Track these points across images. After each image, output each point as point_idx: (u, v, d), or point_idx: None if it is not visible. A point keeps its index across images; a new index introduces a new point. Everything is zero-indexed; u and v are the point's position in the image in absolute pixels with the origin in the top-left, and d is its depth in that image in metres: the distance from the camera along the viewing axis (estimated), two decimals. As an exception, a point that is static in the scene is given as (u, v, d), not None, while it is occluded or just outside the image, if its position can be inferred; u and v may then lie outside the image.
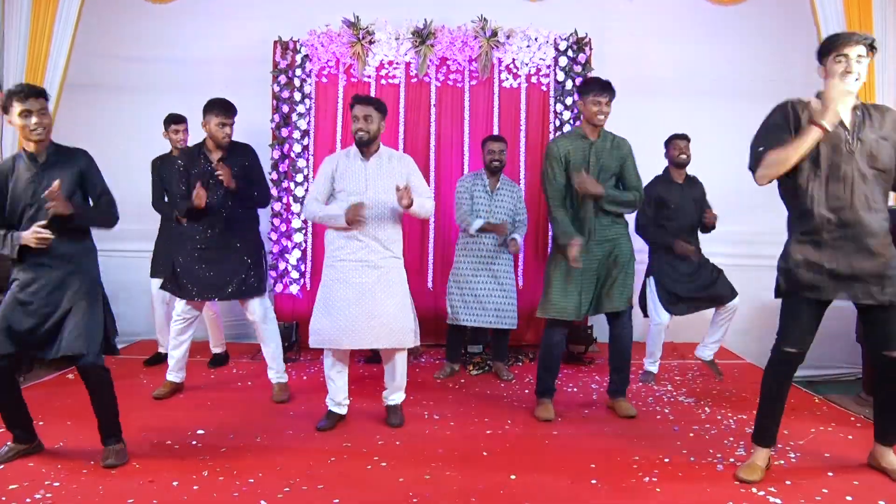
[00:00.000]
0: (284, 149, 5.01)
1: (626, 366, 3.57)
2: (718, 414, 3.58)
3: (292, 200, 5.03)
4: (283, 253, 5.03)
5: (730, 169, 4.28)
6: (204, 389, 3.95)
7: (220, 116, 3.57)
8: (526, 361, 4.73)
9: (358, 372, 4.40)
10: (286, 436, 3.19)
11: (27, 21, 4.77)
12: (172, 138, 4.30)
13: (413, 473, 2.75)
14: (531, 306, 5.07)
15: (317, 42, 4.98)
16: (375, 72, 5.03)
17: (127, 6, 5.20)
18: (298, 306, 5.06)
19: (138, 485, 2.60)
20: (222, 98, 3.64)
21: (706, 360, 4.26)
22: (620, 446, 3.07)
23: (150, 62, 5.19)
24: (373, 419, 3.42)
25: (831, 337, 4.56)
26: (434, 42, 4.95)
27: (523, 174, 5.08)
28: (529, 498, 2.54)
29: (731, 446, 3.09)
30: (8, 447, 2.82)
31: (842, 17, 4.73)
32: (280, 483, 2.63)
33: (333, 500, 2.49)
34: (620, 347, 3.55)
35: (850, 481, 2.69)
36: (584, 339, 4.71)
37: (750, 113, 2.75)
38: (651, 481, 2.69)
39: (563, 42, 4.98)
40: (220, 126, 3.58)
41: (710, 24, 5.22)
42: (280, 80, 5.00)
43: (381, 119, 3.25)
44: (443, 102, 5.09)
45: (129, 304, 5.00)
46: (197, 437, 3.13)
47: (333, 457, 2.92)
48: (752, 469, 2.70)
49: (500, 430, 3.30)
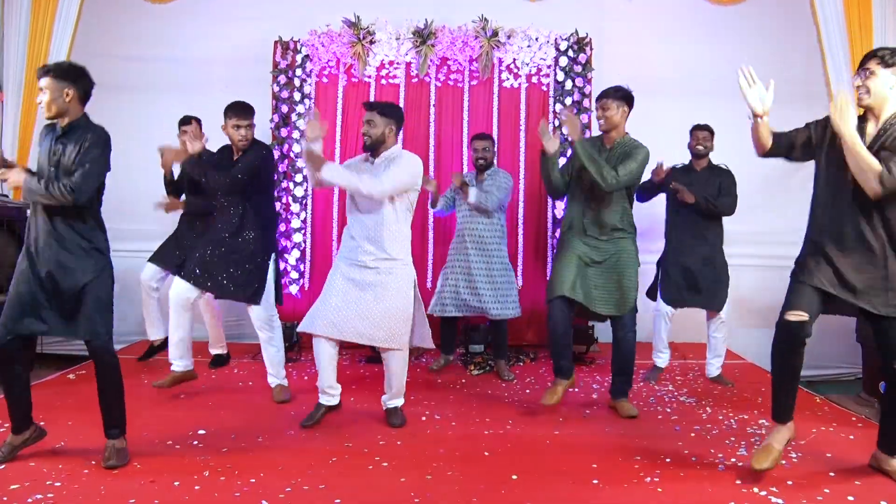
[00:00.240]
0: (284, 149, 5.01)
1: (629, 369, 3.58)
2: (720, 414, 3.58)
3: (291, 200, 5.03)
4: (282, 253, 5.03)
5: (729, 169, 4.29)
6: (205, 390, 3.94)
7: (235, 118, 3.62)
8: (527, 361, 4.73)
9: (358, 372, 4.40)
10: (287, 436, 3.19)
11: (27, 20, 4.78)
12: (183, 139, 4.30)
13: (414, 473, 2.74)
14: (532, 306, 5.09)
15: (317, 42, 4.98)
16: (376, 72, 5.04)
17: (127, 6, 5.20)
18: (298, 306, 5.06)
19: (139, 485, 2.60)
20: (240, 101, 3.69)
21: (711, 378, 4.27)
22: (622, 446, 3.07)
23: (149, 62, 5.18)
24: (374, 419, 3.42)
25: (831, 337, 4.60)
26: (434, 42, 4.95)
27: (523, 174, 5.08)
28: (531, 498, 2.54)
29: (732, 446, 3.09)
30: (6, 445, 2.80)
31: (842, 18, 4.75)
32: (281, 483, 2.63)
33: (335, 500, 2.49)
34: (623, 351, 3.54)
35: (851, 481, 2.69)
36: (585, 340, 4.71)
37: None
38: (652, 481, 2.69)
39: (563, 42, 4.99)
40: (235, 128, 3.63)
41: (710, 24, 5.22)
42: (280, 80, 5.00)
43: (386, 123, 3.25)
44: (443, 102, 5.10)
45: (130, 304, 4.99)
46: (198, 438, 3.13)
47: (335, 457, 2.91)
48: (765, 453, 2.66)
49: (501, 430, 3.30)
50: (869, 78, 2.58)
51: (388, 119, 3.26)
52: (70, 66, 2.78)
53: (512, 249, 5.11)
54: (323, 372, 3.34)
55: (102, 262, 2.79)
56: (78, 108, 2.78)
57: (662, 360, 4.29)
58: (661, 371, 4.28)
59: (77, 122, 2.78)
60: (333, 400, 3.40)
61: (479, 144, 4.31)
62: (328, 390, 3.37)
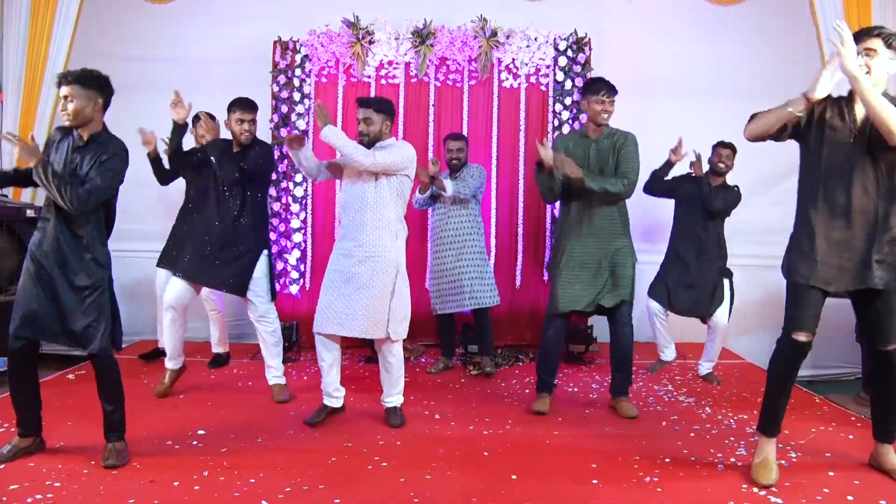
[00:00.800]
0: (284, 149, 5.00)
1: (628, 366, 3.58)
2: (719, 414, 3.58)
3: (291, 200, 5.04)
4: (282, 253, 5.03)
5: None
6: (204, 389, 3.94)
7: (239, 112, 3.65)
8: (526, 361, 4.73)
9: (358, 372, 4.40)
10: (287, 436, 3.19)
11: (26, 21, 4.77)
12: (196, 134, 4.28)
13: (414, 473, 2.74)
14: (530, 306, 5.10)
15: (316, 42, 4.98)
16: (375, 72, 5.03)
17: (127, 6, 5.19)
18: (298, 306, 5.07)
19: (139, 485, 2.60)
20: (244, 97, 3.71)
21: (702, 375, 4.30)
22: (621, 446, 3.07)
23: (149, 62, 5.18)
24: (373, 419, 3.42)
25: (831, 337, 4.58)
26: (434, 42, 4.95)
27: (522, 174, 5.08)
28: (530, 498, 2.54)
29: (731, 446, 3.09)
30: (9, 446, 2.82)
31: (841, 18, 4.73)
32: (281, 483, 2.63)
33: (334, 500, 2.49)
34: (621, 348, 3.55)
35: (850, 481, 2.69)
36: (584, 339, 4.71)
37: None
38: (652, 481, 2.69)
39: (562, 42, 4.98)
40: (239, 122, 3.65)
41: (710, 24, 5.22)
42: (279, 80, 5.00)
43: (383, 119, 3.26)
44: (442, 102, 5.09)
45: (131, 304, 4.98)
46: (198, 437, 3.13)
47: (334, 457, 2.92)
48: (767, 469, 2.66)
49: (500, 430, 3.30)
50: (872, 56, 2.51)
51: (385, 115, 3.28)
52: (97, 75, 2.78)
53: (511, 249, 5.13)
54: (326, 375, 3.34)
55: (101, 274, 2.77)
56: (100, 117, 2.80)
57: (667, 354, 4.34)
58: (664, 364, 4.30)
59: (98, 135, 2.78)
60: (337, 402, 3.40)
61: (453, 144, 4.31)
62: (333, 393, 3.38)
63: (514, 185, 5.11)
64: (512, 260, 5.13)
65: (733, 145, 4.16)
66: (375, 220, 3.22)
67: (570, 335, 4.39)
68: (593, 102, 3.43)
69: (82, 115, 2.72)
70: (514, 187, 5.11)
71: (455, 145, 4.30)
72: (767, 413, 2.73)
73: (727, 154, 4.16)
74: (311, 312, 3.48)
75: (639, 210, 4.33)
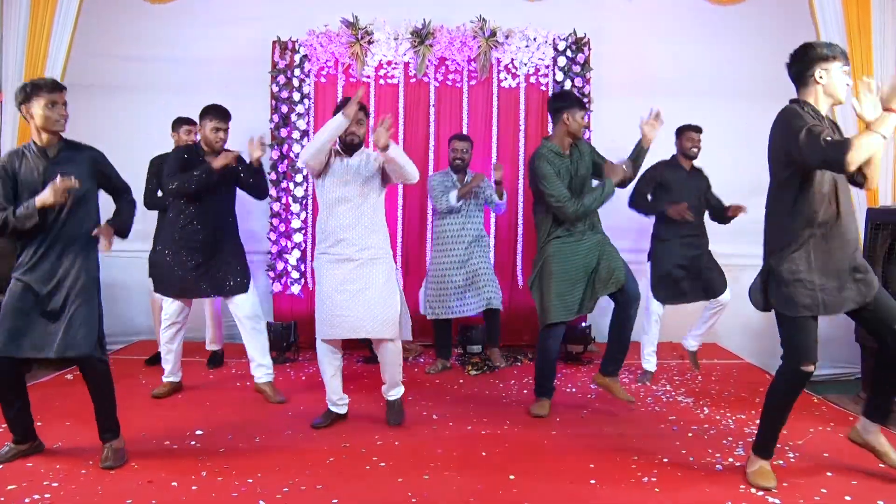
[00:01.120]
0: (283, 149, 5.01)
1: (623, 351, 3.48)
2: (717, 414, 3.58)
3: (291, 200, 5.04)
4: (282, 253, 5.03)
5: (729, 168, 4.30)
6: (202, 390, 3.95)
7: (215, 121, 3.64)
8: (525, 361, 4.72)
9: (357, 372, 4.40)
10: (285, 436, 3.19)
11: (26, 20, 4.77)
12: (184, 139, 4.27)
13: (412, 473, 2.75)
14: (529, 306, 5.08)
15: (315, 42, 4.98)
16: (374, 72, 5.04)
17: (126, 6, 5.19)
18: (298, 306, 5.07)
19: (137, 485, 2.60)
20: (217, 104, 3.69)
21: (689, 351, 4.28)
22: (619, 446, 3.07)
23: (149, 62, 5.19)
24: (372, 419, 3.42)
25: (831, 337, 4.58)
26: (433, 42, 4.95)
27: (522, 173, 5.08)
28: (528, 498, 2.54)
29: (729, 446, 3.09)
30: (8, 447, 2.82)
31: (841, 18, 4.74)
32: (279, 483, 2.63)
33: (332, 501, 2.49)
34: (621, 330, 3.44)
35: (848, 481, 2.69)
36: (583, 339, 4.71)
37: (750, 113, 2.76)
38: (650, 481, 2.69)
39: (561, 42, 4.99)
40: (215, 131, 3.65)
41: (710, 24, 5.21)
42: (279, 81, 5.00)
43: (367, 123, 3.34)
44: (442, 102, 5.10)
45: (130, 304, 5.00)
46: (195, 438, 3.13)
47: (332, 457, 2.92)
48: (766, 474, 2.65)
49: (498, 430, 3.30)
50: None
51: (367, 119, 3.34)
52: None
53: (511, 249, 5.13)
54: (329, 385, 3.34)
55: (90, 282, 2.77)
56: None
57: (652, 363, 4.26)
58: (651, 374, 4.24)
59: (60, 143, 2.77)
60: (342, 409, 3.41)
61: (460, 145, 4.32)
62: (338, 402, 3.38)
63: (514, 185, 5.10)
64: (512, 260, 5.13)
65: (700, 127, 4.12)
66: (375, 223, 3.24)
67: (568, 335, 4.38)
68: (579, 118, 3.42)
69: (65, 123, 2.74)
70: (514, 187, 5.11)
71: (462, 146, 4.31)
72: (768, 439, 2.68)
73: (698, 138, 4.11)
74: (310, 312, 3.46)
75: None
